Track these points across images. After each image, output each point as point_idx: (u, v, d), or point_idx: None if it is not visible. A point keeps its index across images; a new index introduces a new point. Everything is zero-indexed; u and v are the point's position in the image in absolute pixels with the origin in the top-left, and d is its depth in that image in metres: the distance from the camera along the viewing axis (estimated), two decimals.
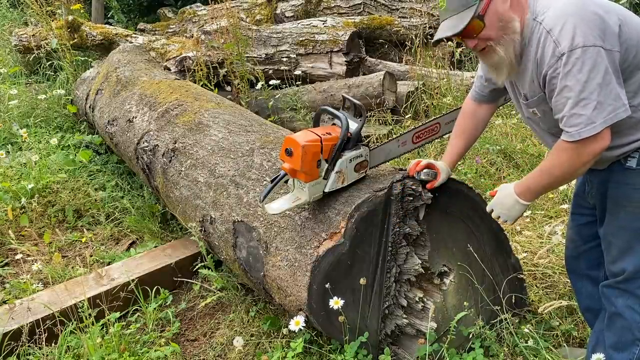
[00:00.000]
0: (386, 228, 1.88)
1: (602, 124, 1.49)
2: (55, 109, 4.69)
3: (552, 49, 1.52)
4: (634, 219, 1.66)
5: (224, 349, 2.35)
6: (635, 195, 1.63)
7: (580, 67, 1.47)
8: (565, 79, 1.50)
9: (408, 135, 2.08)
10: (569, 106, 1.51)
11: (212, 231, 2.40)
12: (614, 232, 1.73)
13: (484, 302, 2.07)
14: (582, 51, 1.46)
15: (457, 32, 1.59)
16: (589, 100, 1.48)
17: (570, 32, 1.48)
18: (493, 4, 1.58)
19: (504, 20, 1.59)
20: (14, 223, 3.26)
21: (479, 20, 1.58)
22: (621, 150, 1.62)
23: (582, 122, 1.50)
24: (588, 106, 1.48)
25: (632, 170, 1.62)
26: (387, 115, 4.21)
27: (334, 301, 1.80)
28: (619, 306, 1.75)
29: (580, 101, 1.49)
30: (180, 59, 4.70)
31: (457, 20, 1.60)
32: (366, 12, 5.86)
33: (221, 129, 2.73)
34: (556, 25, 1.51)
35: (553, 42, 1.51)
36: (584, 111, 1.49)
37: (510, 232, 2.84)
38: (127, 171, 3.96)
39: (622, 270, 1.73)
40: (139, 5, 9.18)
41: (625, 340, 1.75)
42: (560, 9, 1.53)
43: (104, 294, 2.51)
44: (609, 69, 1.48)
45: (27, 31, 5.71)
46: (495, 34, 1.61)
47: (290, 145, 1.79)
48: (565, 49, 1.48)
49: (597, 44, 1.47)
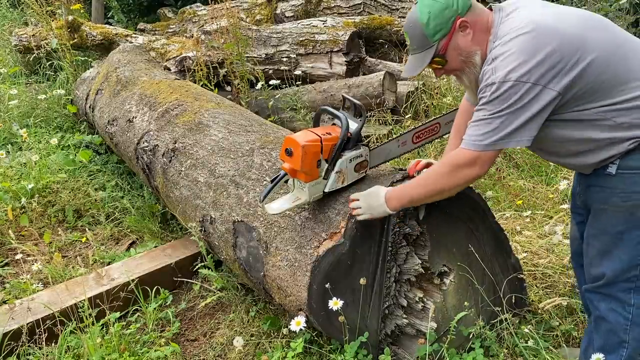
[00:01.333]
0: (386, 228, 1.89)
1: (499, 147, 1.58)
2: (55, 109, 4.69)
3: (488, 76, 1.56)
4: (614, 223, 1.66)
5: (224, 349, 2.35)
6: (614, 199, 1.64)
7: (505, 97, 1.52)
8: (486, 104, 1.56)
9: (408, 135, 2.08)
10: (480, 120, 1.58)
11: (212, 231, 2.40)
12: (594, 235, 1.74)
13: (484, 302, 2.07)
14: (513, 85, 1.51)
15: (418, 73, 1.69)
16: (499, 124, 1.54)
17: (509, 64, 1.51)
18: (454, 40, 1.65)
19: (465, 54, 1.66)
20: (14, 223, 3.26)
21: (440, 58, 1.67)
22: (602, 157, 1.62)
23: (484, 136, 1.57)
24: (497, 129, 1.55)
25: (612, 176, 1.62)
26: (387, 115, 4.21)
27: (333, 302, 1.80)
28: (602, 310, 1.76)
29: (493, 122, 1.56)
30: (180, 59, 4.70)
31: (419, 58, 1.69)
32: (366, 12, 5.86)
33: (221, 129, 2.73)
34: (501, 54, 1.55)
35: (491, 70, 1.56)
36: (484, 129, 1.57)
37: (510, 232, 2.84)
38: (127, 171, 3.96)
39: (601, 274, 1.74)
40: (139, 5, 9.18)
41: (612, 343, 1.76)
42: (507, 44, 1.54)
43: (104, 294, 2.51)
44: (534, 106, 1.52)
45: (27, 31, 5.71)
46: (459, 66, 1.69)
47: (290, 145, 1.79)
48: (497, 79, 1.53)
49: (530, 80, 1.50)
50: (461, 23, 1.63)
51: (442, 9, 1.62)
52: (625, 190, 1.61)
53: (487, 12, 1.67)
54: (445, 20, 1.62)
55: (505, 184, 3.41)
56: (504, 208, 3.16)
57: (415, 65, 1.70)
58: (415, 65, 1.70)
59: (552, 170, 3.46)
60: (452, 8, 1.62)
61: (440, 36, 1.64)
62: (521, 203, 3.18)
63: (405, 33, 1.71)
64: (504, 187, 3.39)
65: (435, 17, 1.62)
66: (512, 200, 3.23)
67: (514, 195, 3.28)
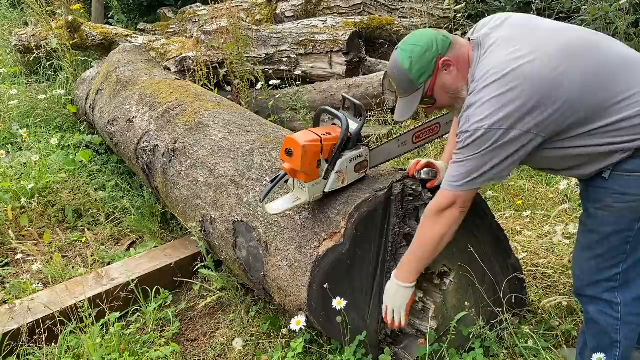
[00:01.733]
0: (386, 228, 1.89)
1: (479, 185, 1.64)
2: (55, 109, 4.69)
3: (463, 122, 1.59)
4: (603, 223, 1.68)
5: (224, 349, 2.35)
6: (607, 199, 1.64)
7: (479, 144, 1.55)
8: (461, 149, 1.60)
9: (408, 135, 2.08)
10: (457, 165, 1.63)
11: (212, 231, 2.40)
12: (583, 232, 1.76)
13: (484, 302, 2.07)
14: (485, 132, 1.53)
15: (409, 116, 1.72)
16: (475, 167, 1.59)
17: (482, 114, 1.53)
18: (439, 79, 1.67)
19: (452, 91, 1.69)
20: (14, 223, 3.26)
21: (429, 99, 1.71)
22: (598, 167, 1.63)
23: (462, 179, 1.62)
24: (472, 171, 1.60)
25: (606, 180, 1.64)
26: (387, 115, 4.21)
27: (337, 301, 1.80)
28: (592, 313, 1.78)
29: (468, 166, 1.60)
30: (180, 59, 4.70)
31: (409, 102, 1.72)
32: (366, 12, 5.86)
33: (221, 129, 2.73)
34: (476, 102, 1.56)
35: (466, 117, 1.58)
36: (459, 170, 1.62)
37: (510, 232, 2.84)
38: (127, 171, 3.96)
39: (581, 272, 1.77)
40: (139, 5, 9.18)
41: (604, 344, 1.77)
42: (485, 89, 1.55)
43: (104, 294, 2.51)
44: (506, 148, 1.55)
45: (27, 31, 5.71)
46: (448, 102, 1.73)
47: (290, 145, 1.79)
48: (471, 127, 1.55)
49: (503, 127, 1.51)
50: (444, 62, 1.65)
51: (423, 52, 1.64)
52: (618, 192, 1.62)
53: (466, 45, 1.69)
54: (428, 63, 1.64)
55: (505, 184, 3.41)
56: (504, 208, 3.16)
57: (405, 109, 1.73)
58: (405, 109, 1.73)
59: None
60: (432, 50, 1.64)
61: (425, 78, 1.66)
62: (521, 203, 3.18)
63: (391, 79, 1.74)
64: (504, 187, 3.39)
65: (418, 61, 1.64)
66: (512, 200, 3.23)
67: (514, 195, 3.28)
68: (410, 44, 1.67)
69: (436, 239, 1.74)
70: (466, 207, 1.70)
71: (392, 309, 1.86)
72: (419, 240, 1.79)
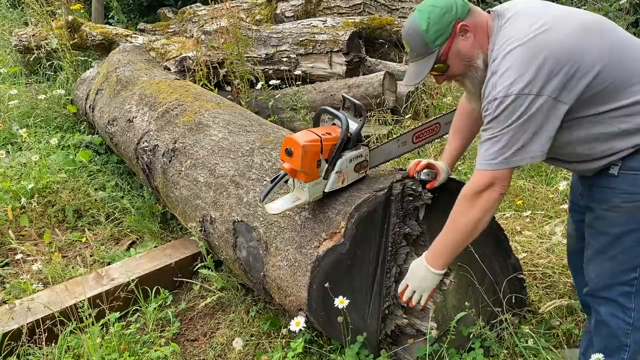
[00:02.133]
0: (386, 228, 1.89)
1: (513, 164, 1.55)
2: (55, 109, 4.69)
3: (489, 91, 1.55)
4: (614, 224, 1.66)
5: (224, 349, 2.35)
6: (615, 199, 1.63)
7: (509, 114, 1.50)
8: (491, 122, 1.54)
9: (408, 135, 2.08)
10: (489, 143, 1.56)
11: (212, 231, 2.40)
12: (593, 235, 1.74)
13: (484, 302, 2.07)
14: (515, 98, 1.49)
15: (420, 81, 1.65)
16: (507, 142, 1.53)
17: (510, 79, 1.49)
18: (455, 45, 1.62)
19: (467, 59, 1.64)
20: (14, 223, 3.26)
21: (442, 64, 1.65)
22: (606, 160, 1.62)
23: (497, 157, 1.55)
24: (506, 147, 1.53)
25: (615, 176, 1.62)
26: (387, 115, 4.20)
27: (339, 300, 1.79)
28: (604, 314, 1.76)
29: (501, 141, 1.54)
30: (180, 59, 4.69)
31: (420, 66, 1.66)
32: (366, 12, 5.86)
33: (221, 129, 2.73)
34: (500, 68, 1.53)
35: (492, 85, 1.54)
36: (498, 148, 1.54)
37: (510, 232, 2.84)
38: (127, 171, 3.96)
39: (597, 274, 1.74)
40: (139, 5, 9.18)
41: (612, 346, 1.76)
42: (506, 56, 1.53)
43: (104, 294, 2.51)
44: (539, 117, 1.50)
45: (27, 31, 5.71)
46: (461, 71, 1.67)
47: (290, 145, 1.79)
48: (499, 94, 1.51)
49: (532, 92, 1.48)
50: (461, 27, 1.61)
51: (442, 14, 1.60)
52: (627, 191, 1.60)
53: (485, 15, 1.66)
54: (445, 25, 1.60)
55: None
56: (504, 208, 3.16)
57: (416, 73, 1.67)
58: (416, 73, 1.67)
59: (552, 170, 3.46)
60: (451, 13, 1.60)
61: (441, 41, 1.61)
62: (521, 203, 3.18)
63: (405, 41, 1.68)
64: None
65: (435, 22, 1.60)
66: (512, 200, 3.23)
67: (514, 195, 3.28)
68: (428, 5, 1.62)
69: (471, 224, 1.64)
70: (505, 187, 1.59)
71: (413, 289, 1.79)
72: (453, 225, 1.69)
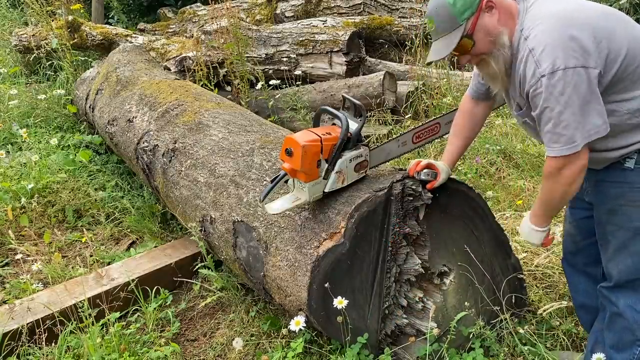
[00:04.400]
0: (386, 228, 1.88)
1: (582, 143, 1.52)
2: (55, 109, 4.69)
3: (533, 69, 1.54)
4: (632, 219, 1.66)
5: (224, 349, 2.35)
6: (632, 194, 1.64)
7: (562, 89, 1.49)
8: (547, 101, 1.52)
9: (408, 135, 2.08)
10: (550, 126, 1.54)
11: (212, 231, 2.40)
12: (611, 231, 1.73)
13: (484, 302, 2.07)
14: (563, 73, 1.48)
15: (447, 54, 1.63)
16: (569, 121, 1.51)
17: (551, 55, 1.50)
18: (481, 20, 1.62)
19: (493, 35, 1.63)
20: (14, 223, 3.25)
21: (468, 39, 1.63)
22: (620, 152, 1.63)
23: (562, 142, 1.54)
24: (569, 127, 1.51)
25: (631, 170, 1.62)
26: (387, 115, 4.21)
27: (338, 301, 1.80)
28: (621, 306, 1.75)
29: (561, 122, 1.52)
30: (180, 59, 4.70)
31: (446, 41, 1.64)
32: (366, 12, 5.86)
33: (221, 129, 2.73)
34: (538, 45, 1.53)
35: (534, 63, 1.53)
36: (564, 131, 1.53)
37: (510, 232, 2.84)
38: (127, 171, 3.96)
39: (619, 271, 1.73)
40: (139, 5, 9.19)
41: (626, 340, 1.75)
42: (542, 32, 1.54)
43: (104, 294, 2.51)
44: (589, 89, 1.49)
45: (27, 31, 5.72)
46: (486, 48, 1.65)
47: (290, 145, 1.79)
48: (545, 71, 1.50)
49: (577, 65, 1.48)
50: (487, 3, 1.61)
51: None
52: None
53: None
54: (472, 0, 1.60)
55: (505, 184, 3.41)
56: (504, 208, 3.16)
57: (442, 48, 1.65)
58: (442, 48, 1.65)
59: None
60: None
61: (468, 15, 1.60)
62: (521, 203, 3.18)
63: (430, 19, 1.66)
64: (504, 187, 3.39)
65: None
66: (512, 200, 3.23)
67: (514, 195, 3.28)
68: None
69: (560, 194, 1.65)
70: (584, 160, 1.57)
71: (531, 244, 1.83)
72: (544, 197, 1.69)
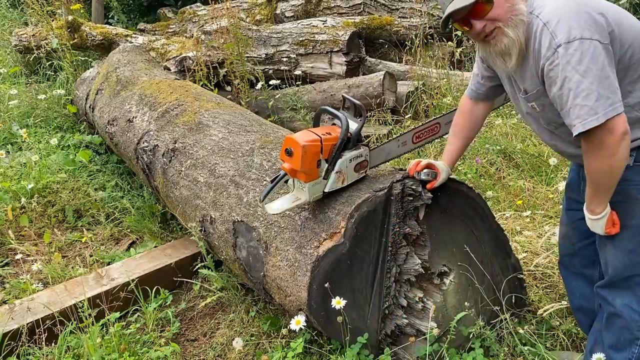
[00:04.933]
0: (386, 228, 1.88)
1: (604, 115, 1.45)
2: (55, 109, 4.69)
3: (548, 41, 1.51)
4: (631, 216, 1.66)
5: (224, 349, 2.35)
6: (633, 191, 1.63)
7: (579, 59, 1.46)
8: (564, 71, 1.48)
9: (408, 135, 2.08)
10: (570, 98, 1.49)
11: (212, 231, 2.40)
12: None
13: (484, 302, 2.07)
14: (580, 43, 1.46)
15: (469, 3, 1.54)
16: (589, 91, 1.46)
17: (567, 25, 1.48)
18: None
19: (511, 1, 1.58)
20: (14, 223, 3.26)
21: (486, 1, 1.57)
22: None
23: (585, 113, 1.46)
24: (589, 97, 1.46)
25: (631, 167, 1.62)
26: (387, 115, 4.21)
27: (336, 301, 1.80)
28: (618, 306, 1.75)
29: (581, 92, 1.47)
30: (180, 59, 4.70)
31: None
32: (366, 12, 5.86)
33: (221, 129, 2.73)
34: (553, 18, 1.51)
35: (550, 34, 1.50)
36: (585, 102, 1.46)
37: (510, 232, 2.84)
38: (127, 171, 3.96)
39: (617, 270, 1.73)
40: (139, 5, 9.19)
41: (625, 339, 1.75)
42: (556, 7, 1.53)
43: (104, 294, 2.51)
44: (606, 63, 1.47)
45: (27, 31, 5.72)
46: (503, 14, 1.58)
47: (290, 145, 1.79)
48: (562, 40, 1.48)
49: (594, 37, 1.46)
50: None
51: None
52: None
53: None
54: None
55: (505, 184, 3.41)
56: (504, 208, 3.16)
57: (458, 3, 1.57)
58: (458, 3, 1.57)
59: (552, 170, 3.46)
60: None
61: None
62: (521, 203, 3.18)
63: None
64: (504, 187, 3.38)
65: None
66: (512, 200, 3.23)
67: (514, 195, 3.28)
68: None
69: (607, 170, 1.55)
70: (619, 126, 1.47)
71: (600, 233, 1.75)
72: (591, 177, 1.61)
